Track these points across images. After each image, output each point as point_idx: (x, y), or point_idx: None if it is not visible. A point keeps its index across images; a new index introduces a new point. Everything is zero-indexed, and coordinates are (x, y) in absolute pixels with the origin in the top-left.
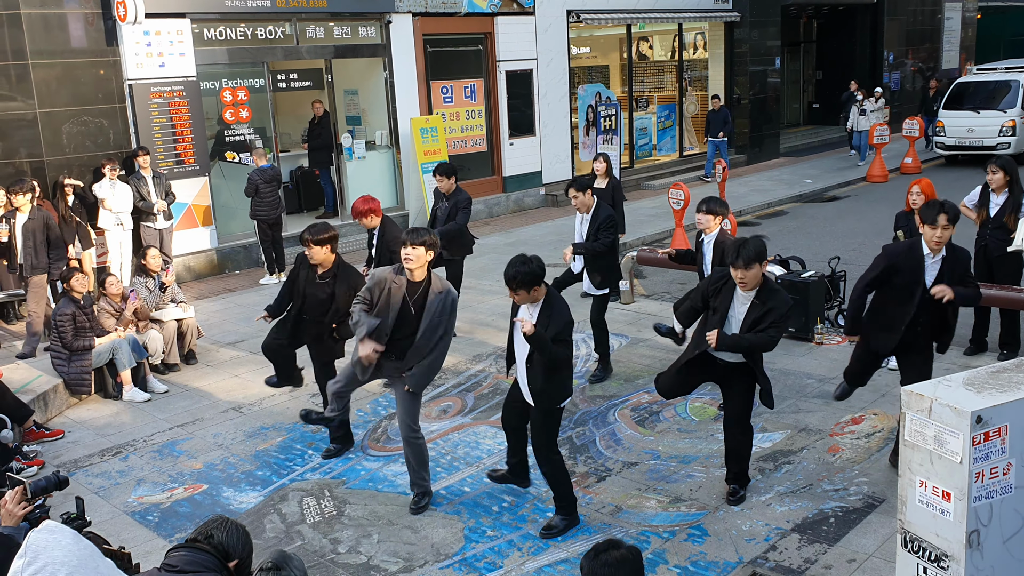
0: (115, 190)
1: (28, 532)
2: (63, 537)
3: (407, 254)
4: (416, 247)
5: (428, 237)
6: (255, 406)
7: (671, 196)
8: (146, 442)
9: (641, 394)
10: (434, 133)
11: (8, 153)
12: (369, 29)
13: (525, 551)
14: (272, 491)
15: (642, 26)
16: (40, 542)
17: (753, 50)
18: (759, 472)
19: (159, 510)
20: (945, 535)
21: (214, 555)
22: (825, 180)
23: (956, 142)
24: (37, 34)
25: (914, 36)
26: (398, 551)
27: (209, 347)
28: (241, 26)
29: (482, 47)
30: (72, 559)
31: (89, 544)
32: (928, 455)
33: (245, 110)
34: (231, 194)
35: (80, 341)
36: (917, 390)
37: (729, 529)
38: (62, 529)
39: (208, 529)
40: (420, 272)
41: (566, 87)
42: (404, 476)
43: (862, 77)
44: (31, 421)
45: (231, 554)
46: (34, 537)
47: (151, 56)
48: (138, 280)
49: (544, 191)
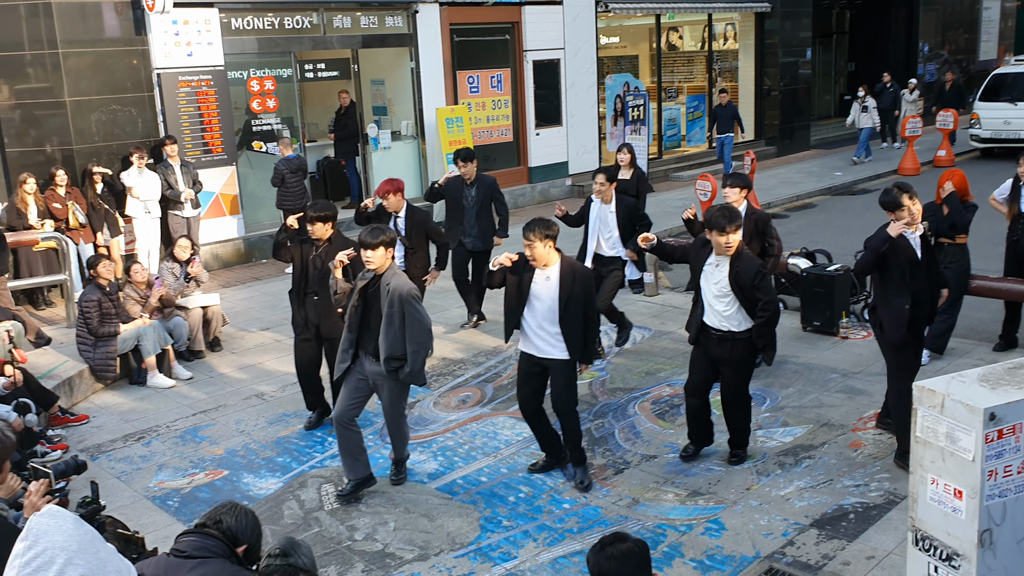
0: (143, 178)
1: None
2: (64, 522)
3: (367, 257)
4: (375, 249)
5: (385, 237)
6: (277, 393)
7: (698, 187)
8: (169, 428)
9: (662, 387)
10: (460, 123)
11: (38, 141)
12: (396, 19)
13: (540, 542)
14: (291, 477)
15: (671, 16)
16: (41, 526)
17: (784, 41)
18: (779, 467)
19: (179, 495)
20: (957, 534)
21: (223, 540)
22: (855, 173)
23: (992, 134)
24: (67, 23)
25: (951, 26)
26: (414, 539)
27: (234, 334)
28: (269, 15)
29: (509, 37)
30: (72, 544)
31: (90, 529)
32: (940, 452)
33: (272, 100)
34: (258, 183)
35: (106, 327)
36: (929, 385)
37: (747, 523)
38: (63, 514)
39: (217, 514)
40: (381, 269)
41: (594, 77)
42: (421, 465)
43: (896, 68)
44: (56, 406)
45: (239, 539)
46: (35, 521)
47: (179, 45)
48: (165, 266)
49: (570, 182)
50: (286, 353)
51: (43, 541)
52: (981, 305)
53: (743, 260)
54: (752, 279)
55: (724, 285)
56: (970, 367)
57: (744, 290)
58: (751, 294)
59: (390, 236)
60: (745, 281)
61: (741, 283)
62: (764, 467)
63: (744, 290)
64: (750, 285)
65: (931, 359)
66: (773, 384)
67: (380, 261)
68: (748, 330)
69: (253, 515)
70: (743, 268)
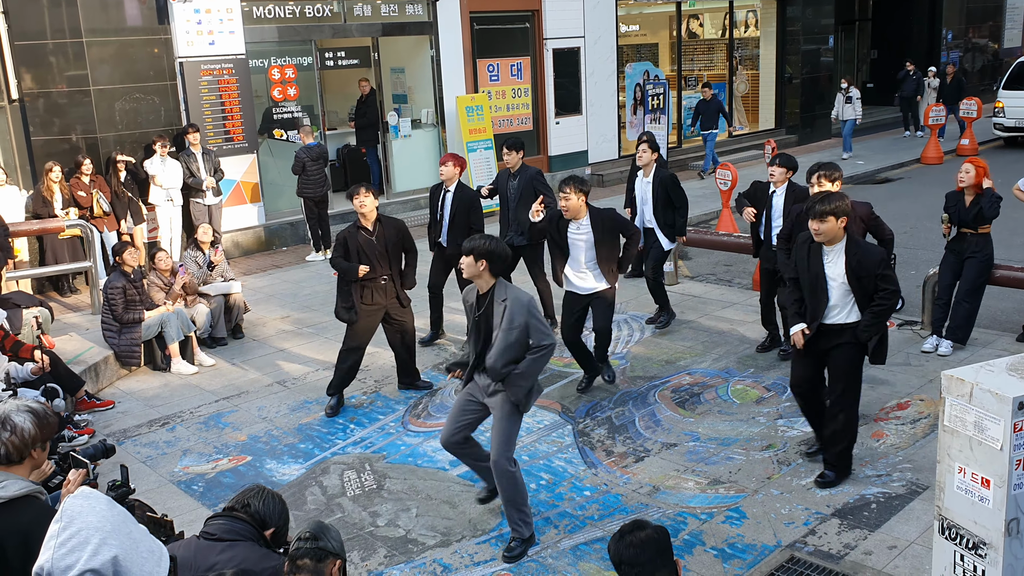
0: (166, 166)
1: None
2: (97, 503)
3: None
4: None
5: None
6: (299, 380)
7: (718, 176)
8: (192, 414)
9: (682, 375)
10: (480, 111)
11: (64, 130)
12: (416, 7)
13: (562, 528)
14: (314, 464)
15: (692, 3)
16: (75, 507)
17: (806, 28)
18: (800, 456)
19: (204, 480)
20: (983, 523)
21: (251, 524)
22: (877, 161)
23: (1016, 123)
24: (91, 13)
25: (975, 13)
26: (436, 525)
27: (256, 321)
28: (290, 4)
29: (529, 25)
30: (106, 524)
31: (123, 510)
32: (968, 441)
33: (293, 88)
34: (279, 171)
35: (130, 314)
36: (958, 375)
37: (768, 512)
38: (96, 495)
39: (245, 498)
40: (484, 284)
41: (614, 65)
42: (443, 452)
43: (919, 56)
44: (83, 391)
45: (267, 523)
46: (69, 502)
47: (201, 34)
48: (188, 254)
49: (590, 170)
50: (307, 340)
51: (77, 522)
52: (1005, 295)
53: (860, 248)
54: (876, 266)
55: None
56: (993, 357)
57: (863, 280)
58: (871, 283)
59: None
60: (867, 270)
61: (861, 272)
62: (786, 456)
63: (863, 280)
64: (873, 273)
65: (954, 349)
66: None
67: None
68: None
69: (280, 499)
70: (863, 256)
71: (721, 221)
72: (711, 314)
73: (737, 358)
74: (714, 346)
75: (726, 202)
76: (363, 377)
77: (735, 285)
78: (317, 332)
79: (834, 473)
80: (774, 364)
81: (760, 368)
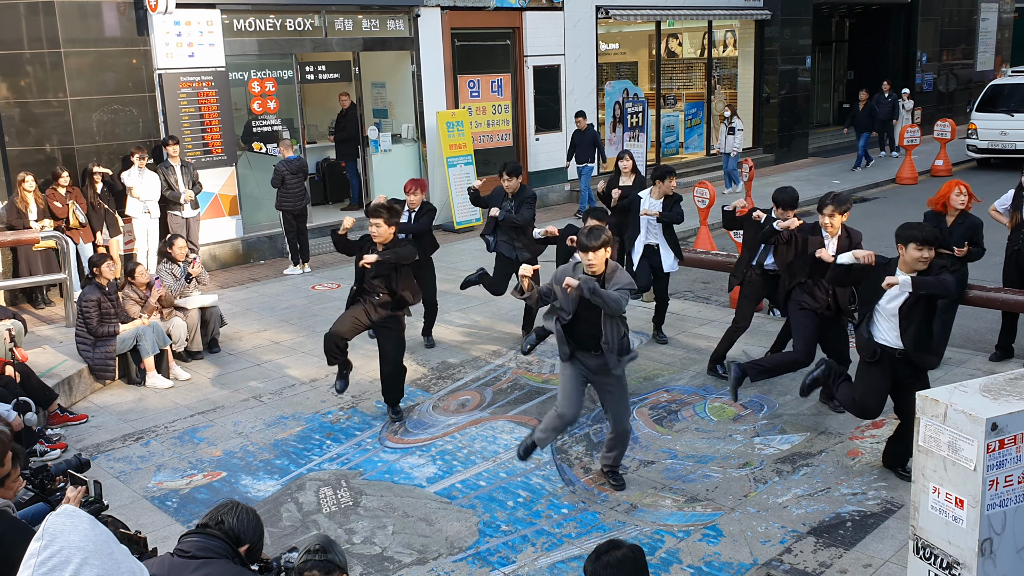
0: (143, 178)
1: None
2: (80, 522)
3: (588, 260)
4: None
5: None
6: (275, 395)
7: (696, 194)
8: (167, 428)
9: (660, 392)
10: (460, 127)
11: (39, 140)
12: (398, 22)
13: (539, 546)
14: (289, 480)
15: (671, 23)
16: (58, 526)
17: (784, 49)
18: (776, 474)
19: (178, 496)
20: (957, 542)
21: (225, 541)
22: (854, 181)
23: (989, 145)
24: (70, 23)
25: (949, 37)
26: (412, 543)
27: (232, 336)
28: (271, 17)
29: (510, 42)
30: (88, 544)
31: (105, 530)
32: (942, 461)
33: (273, 101)
34: (257, 184)
35: (105, 327)
36: (932, 395)
37: (744, 530)
38: (79, 514)
39: (219, 515)
40: (599, 267)
41: (593, 83)
42: (420, 469)
43: (895, 78)
44: (55, 405)
45: (242, 539)
46: (52, 521)
47: (181, 46)
48: (163, 267)
49: (569, 187)
50: (284, 354)
51: (59, 541)
52: (978, 315)
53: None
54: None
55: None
56: (967, 377)
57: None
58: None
59: (608, 236)
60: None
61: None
62: (762, 474)
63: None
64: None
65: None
66: (771, 391)
67: (601, 263)
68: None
69: (255, 514)
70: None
71: (699, 239)
72: (689, 331)
73: (715, 375)
74: (692, 363)
75: (703, 220)
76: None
77: (713, 302)
78: (294, 347)
79: None
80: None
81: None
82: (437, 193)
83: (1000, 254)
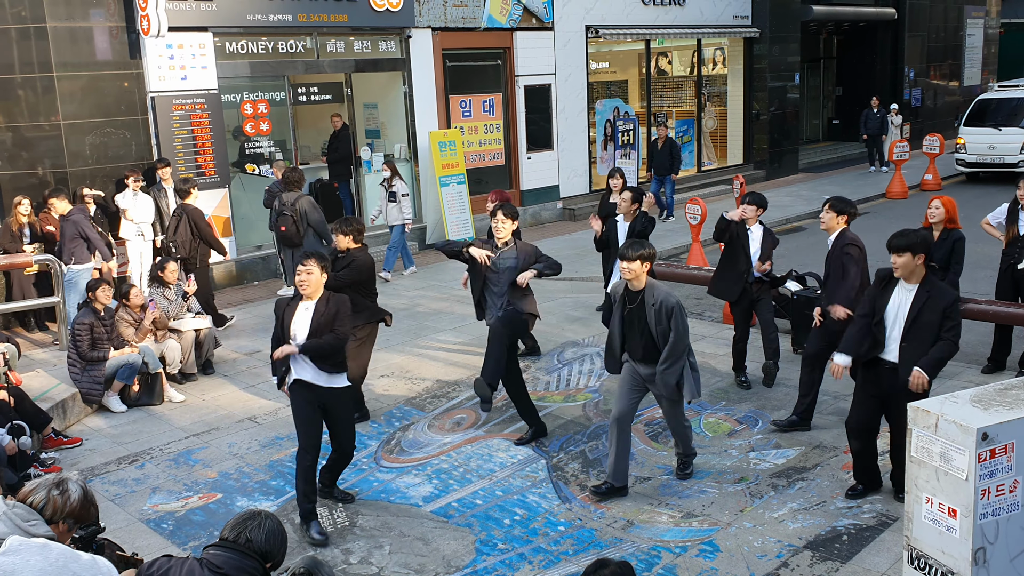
0: (137, 201)
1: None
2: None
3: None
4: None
5: (645, 251)
6: (270, 416)
7: (688, 211)
8: (162, 451)
9: (655, 409)
10: (452, 147)
11: (32, 163)
12: (389, 44)
13: (536, 564)
14: (285, 501)
15: (661, 41)
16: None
17: (772, 66)
18: (772, 488)
19: (174, 518)
20: (951, 552)
21: (258, 561)
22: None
23: (977, 159)
24: (62, 47)
25: (936, 52)
26: (409, 562)
27: (226, 357)
28: (262, 40)
29: (501, 62)
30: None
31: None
32: (934, 471)
33: (266, 123)
34: (250, 206)
35: (95, 352)
36: (924, 406)
37: (741, 545)
38: (27, 546)
39: (246, 530)
40: (638, 282)
41: (584, 102)
42: (416, 488)
43: (882, 93)
44: (50, 428)
45: (269, 557)
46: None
47: (173, 69)
48: (155, 290)
49: (561, 205)
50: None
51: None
52: (969, 327)
53: (936, 287)
54: (947, 307)
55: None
56: (959, 389)
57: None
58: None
59: (650, 251)
60: (937, 309)
61: (933, 310)
62: (757, 489)
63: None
64: (943, 314)
65: None
66: (765, 406)
67: (638, 273)
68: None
69: (278, 523)
70: (936, 295)
71: (691, 255)
72: None
73: (709, 391)
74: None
75: (696, 236)
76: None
77: (706, 318)
78: None
79: None
80: (745, 397)
81: (732, 401)
82: (430, 212)
83: (992, 266)
